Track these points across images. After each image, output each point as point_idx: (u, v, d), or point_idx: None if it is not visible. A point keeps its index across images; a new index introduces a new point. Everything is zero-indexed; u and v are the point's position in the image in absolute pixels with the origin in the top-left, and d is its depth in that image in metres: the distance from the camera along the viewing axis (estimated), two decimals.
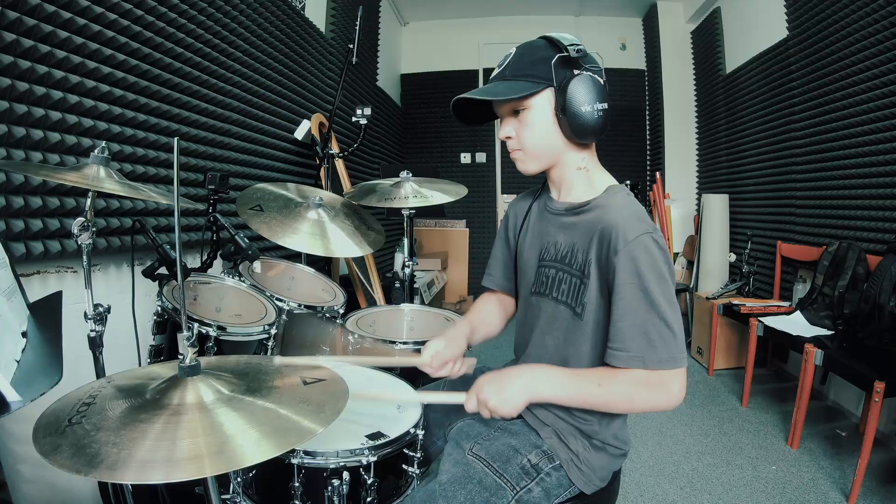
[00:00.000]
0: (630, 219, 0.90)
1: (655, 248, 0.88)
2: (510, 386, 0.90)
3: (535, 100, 0.94)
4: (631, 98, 5.07)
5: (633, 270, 0.87)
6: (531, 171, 1.02)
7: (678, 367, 0.86)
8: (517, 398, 0.90)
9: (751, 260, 3.38)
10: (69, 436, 0.59)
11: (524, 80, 0.93)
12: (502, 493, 0.92)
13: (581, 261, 0.95)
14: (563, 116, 0.92)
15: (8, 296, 0.79)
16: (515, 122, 0.98)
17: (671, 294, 0.87)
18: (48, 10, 1.32)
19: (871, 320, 2.08)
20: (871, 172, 2.43)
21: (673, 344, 0.86)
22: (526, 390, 0.90)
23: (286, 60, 2.66)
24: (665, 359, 0.86)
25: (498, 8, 5.04)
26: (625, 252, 0.87)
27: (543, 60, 0.93)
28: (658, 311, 0.86)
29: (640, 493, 1.93)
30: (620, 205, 0.94)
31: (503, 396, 0.89)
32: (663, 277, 0.87)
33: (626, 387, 0.88)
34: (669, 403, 0.87)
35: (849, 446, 2.23)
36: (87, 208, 1.04)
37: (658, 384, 0.86)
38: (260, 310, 1.47)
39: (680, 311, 0.89)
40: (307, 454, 0.94)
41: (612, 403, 0.91)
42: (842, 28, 2.57)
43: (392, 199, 1.78)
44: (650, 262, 0.87)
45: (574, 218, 1.00)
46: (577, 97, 0.91)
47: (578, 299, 0.95)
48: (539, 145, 0.98)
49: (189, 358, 0.69)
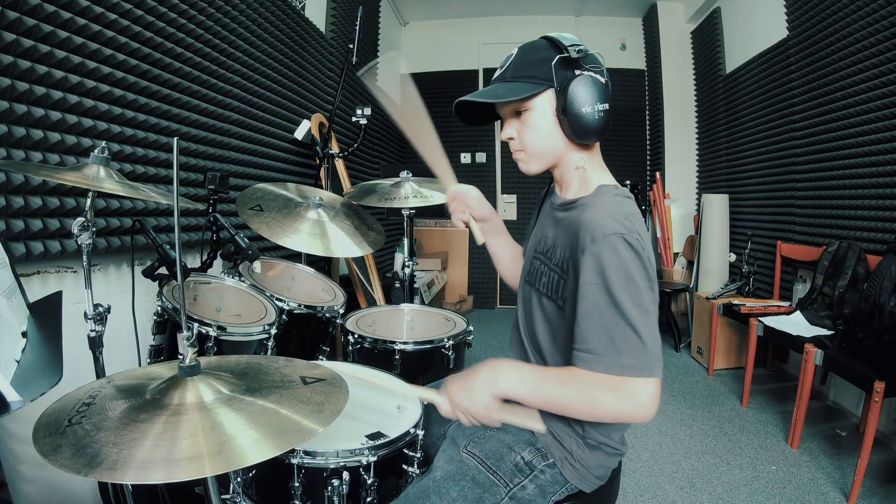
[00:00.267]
0: (605, 218, 0.87)
1: (626, 250, 0.83)
2: (474, 382, 0.87)
3: (536, 101, 0.94)
4: (631, 98, 5.07)
5: (598, 270, 0.83)
6: (533, 172, 1.02)
7: (648, 376, 0.81)
8: (482, 394, 0.85)
9: (751, 260, 3.38)
10: (69, 436, 0.59)
11: (525, 82, 0.93)
12: (495, 490, 0.92)
13: (560, 257, 0.96)
14: (563, 117, 0.92)
15: (8, 296, 0.80)
16: (517, 123, 0.98)
17: (641, 299, 0.82)
18: (48, 10, 1.32)
19: (871, 320, 2.08)
20: (871, 172, 2.43)
21: (640, 351, 0.81)
22: (489, 383, 0.86)
23: (286, 60, 2.66)
24: (631, 365, 0.80)
25: (498, 8, 5.04)
26: (591, 251, 0.84)
27: (544, 61, 0.93)
28: (623, 314, 0.81)
29: (640, 493, 1.93)
30: (601, 204, 0.91)
31: (470, 394, 0.86)
32: (631, 280, 0.82)
33: (589, 389, 0.83)
34: (637, 413, 0.82)
35: (849, 446, 2.24)
36: (87, 208, 1.04)
37: (622, 389, 0.81)
38: (260, 310, 1.47)
39: (655, 318, 0.83)
40: (307, 454, 0.94)
41: (576, 406, 0.85)
42: (842, 28, 2.57)
43: (392, 199, 1.78)
44: (617, 263, 0.83)
45: (563, 214, 1.01)
46: (578, 98, 0.90)
47: (559, 293, 0.95)
48: (541, 146, 0.98)
49: (189, 358, 0.69)
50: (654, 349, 0.82)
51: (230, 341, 1.31)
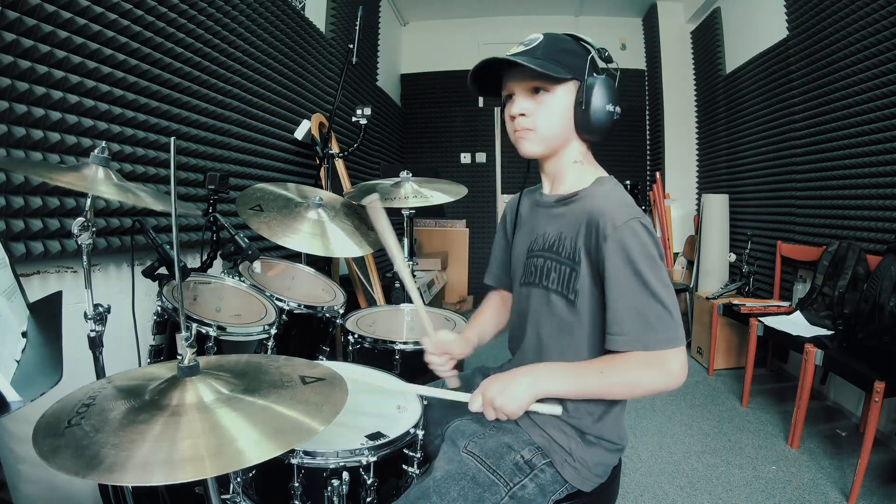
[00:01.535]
0: (617, 206, 0.92)
1: (644, 233, 0.89)
2: (515, 384, 0.91)
3: (560, 86, 0.97)
4: (631, 98, 5.07)
5: (624, 255, 0.88)
6: (534, 153, 1.02)
7: (677, 345, 0.87)
8: (522, 395, 0.90)
9: (751, 260, 3.38)
10: (68, 437, 0.59)
11: (557, 65, 0.95)
12: (495, 489, 0.92)
13: (570, 248, 0.97)
14: (583, 110, 0.95)
15: (8, 296, 0.80)
16: (532, 101, 0.99)
17: (663, 276, 0.89)
18: (48, 10, 1.32)
19: (871, 320, 2.08)
20: (871, 172, 2.43)
21: (671, 324, 0.87)
22: (531, 387, 0.91)
23: (286, 60, 2.66)
24: (664, 339, 0.87)
25: (498, 8, 5.04)
26: (614, 238, 0.89)
27: (577, 55, 0.97)
28: (652, 292, 0.87)
29: (640, 493, 1.93)
30: (607, 193, 0.97)
31: (508, 395, 0.90)
32: (654, 260, 0.88)
33: (629, 370, 0.89)
34: (670, 383, 0.88)
35: (849, 446, 2.23)
36: (87, 208, 1.04)
37: (658, 365, 0.87)
38: (260, 310, 1.47)
39: (674, 291, 0.90)
40: (307, 454, 0.94)
41: (616, 389, 0.92)
42: (842, 28, 2.57)
43: (392, 199, 1.78)
44: (640, 245, 0.88)
45: (563, 208, 1.02)
46: (602, 96, 0.95)
47: (571, 287, 0.96)
48: (552, 129, 0.99)
49: (188, 358, 0.69)
50: (679, 318, 0.89)
51: (230, 341, 1.31)
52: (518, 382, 0.92)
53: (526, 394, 0.91)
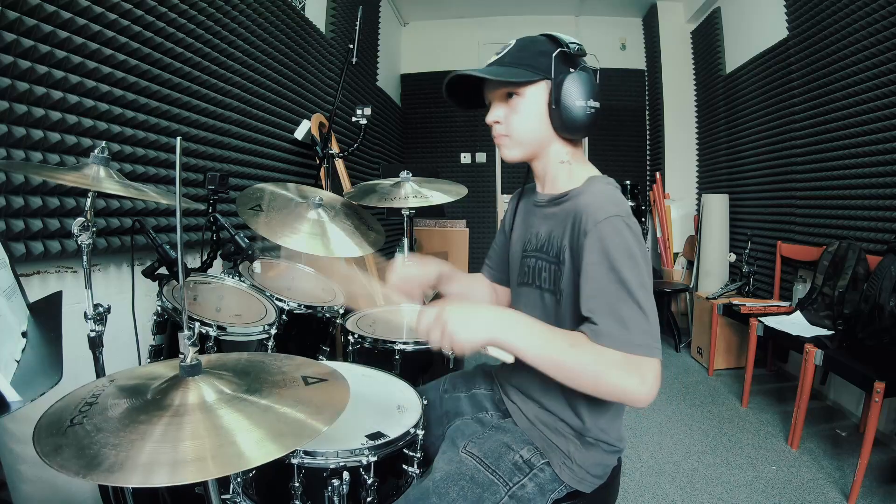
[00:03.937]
0: (604, 203, 0.89)
1: (626, 231, 0.86)
2: (476, 316, 0.85)
3: (530, 89, 0.96)
4: (631, 98, 5.07)
5: (601, 250, 0.85)
6: (514, 158, 1.03)
7: (653, 356, 0.80)
8: (478, 330, 0.82)
9: (751, 260, 3.38)
10: (70, 437, 0.59)
11: (523, 69, 0.95)
12: (495, 489, 0.92)
13: (556, 247, 0.97)
14: (555, 109, 0.94)
15: (8, 296, 0.79)
16: (506, 107, 1.00)
17: (643, 278, 0.83)
18: (48, 10, 1.32)
19: (871, 320, 2.08)
20: (871, 172, 2.43)
21: (647, 329, 0.81)
22: (493, 325, 0.83)
23: (286, 60, 2.66)
24: (640, 344, 0.80)
25: (498, 8, 5.04)
26: (593, 232, 0.86)
27: (544, 54, 0.95)
28: (629, 291, 0.82)
29: (640, 493, 1.93)
30: (596, 191, 0.94)
31: (464, 323, 0.83)
32: (634, 259, 0.84)
33: (599, 357, 0.80)
34: (641, 394, 0.79)
35: (849, 446, 2.24)
36: (87, 208, 1.04)
37: (632, 367, 0.79)
38: (260, 310, 1.47)
39: (654, 298, 0.84)
40: (307, 454, 0.94)
41: (580, 370, 0.81)
42: (842, 28, 2.57)
43: (392, 199, 1.78)
44: (620, 242, 0.85)
45: (554, 208, 1.02)
46: (572, 92, 0.93)
47: (557, 286, 0.96)
48: (526, 133, 0.99)
49: (190, 357, 0.69)
50: (656, 327, 0.83)
51: (230, 341, 1.31)
52: (480, 316, 0.85)
53: (483, 330, 0.82)
